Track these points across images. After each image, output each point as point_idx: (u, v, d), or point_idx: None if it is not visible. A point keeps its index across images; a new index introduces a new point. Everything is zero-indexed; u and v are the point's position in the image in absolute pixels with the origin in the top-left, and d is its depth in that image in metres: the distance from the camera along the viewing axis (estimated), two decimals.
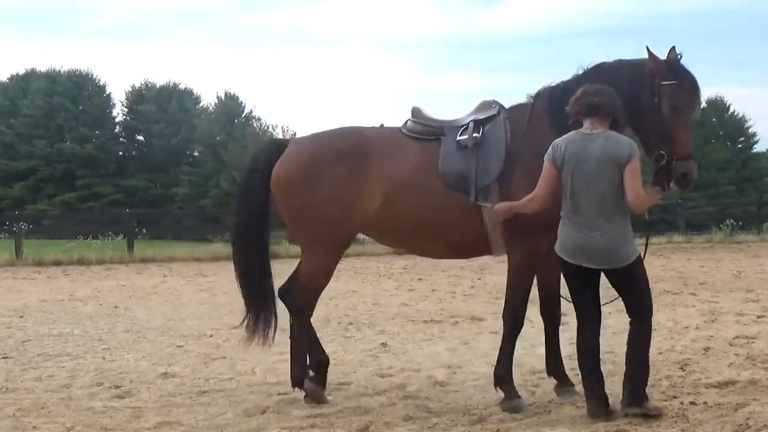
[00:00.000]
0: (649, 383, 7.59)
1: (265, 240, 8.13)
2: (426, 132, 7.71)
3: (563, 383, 7.68)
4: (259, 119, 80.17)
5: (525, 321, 7.51)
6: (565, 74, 7.51)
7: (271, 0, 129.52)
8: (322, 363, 7.83)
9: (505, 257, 7.57)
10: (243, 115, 79.65)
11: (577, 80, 7.28)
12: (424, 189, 7.46)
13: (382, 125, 8.29)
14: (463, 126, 7.60)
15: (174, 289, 18.93)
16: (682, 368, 8.67)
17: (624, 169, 6.59)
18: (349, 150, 7.64)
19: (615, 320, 11.90)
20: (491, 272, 19.81)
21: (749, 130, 69.09)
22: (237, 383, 8.65)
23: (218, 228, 40.54)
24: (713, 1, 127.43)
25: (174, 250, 30.15)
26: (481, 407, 7.30)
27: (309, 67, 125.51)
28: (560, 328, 7.80)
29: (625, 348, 6.94)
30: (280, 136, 76.93)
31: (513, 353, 7.49)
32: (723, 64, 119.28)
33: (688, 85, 7.12)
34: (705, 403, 7.14)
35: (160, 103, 78.88)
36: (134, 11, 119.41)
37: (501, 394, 7.37)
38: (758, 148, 70.81)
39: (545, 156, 6.82)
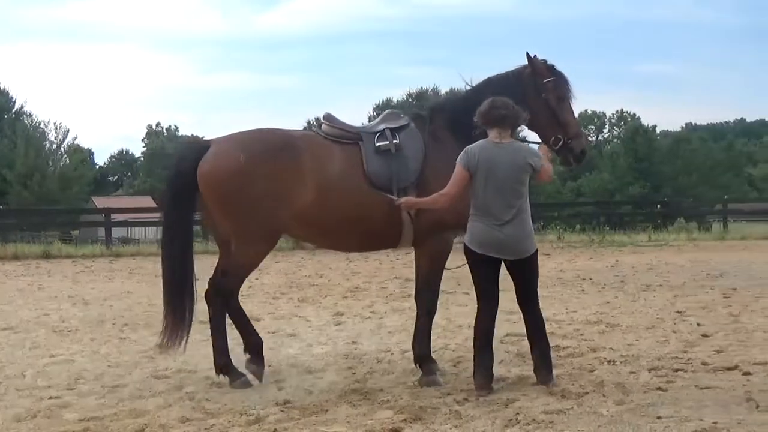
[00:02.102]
0: (422, 383, 7.81)
1: (190, 239, 8.32)
2: (344, 136, 8.34)
3: (432, 369, 8.24)
4: (31, 115, 77.89)
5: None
6: (340, 74, 7.98)
7: None
8: (258, 345, 8.37)
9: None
10: (13, 110, 77.09)
11: (473, 93, 8.45)
12: (351, 186, 8.08)
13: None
14: (377, 132, 8.32)
15: None
16: (455, 365, 8.96)
17: (536, 171, 7.65)
18: (281, 147, 8.01)
19: (391, 320, 12.14)
20: (268, 272, 19.83)
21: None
22: (5, 387, 8.32)
23: None
24: (480, 9, 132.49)
25: None
26: (259, 407, 7.28)
27: (85, 64, 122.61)
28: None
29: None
30: (53, 133, 74.87)
31: (430, 334, 8.43)
32: (500, 68, 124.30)
33: (564, 78, 8.49)
34: (477, 399, 7.38)
35: None
36: None
37: (420, 371, 8.20)
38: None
39: (458, 160, 7.64)
